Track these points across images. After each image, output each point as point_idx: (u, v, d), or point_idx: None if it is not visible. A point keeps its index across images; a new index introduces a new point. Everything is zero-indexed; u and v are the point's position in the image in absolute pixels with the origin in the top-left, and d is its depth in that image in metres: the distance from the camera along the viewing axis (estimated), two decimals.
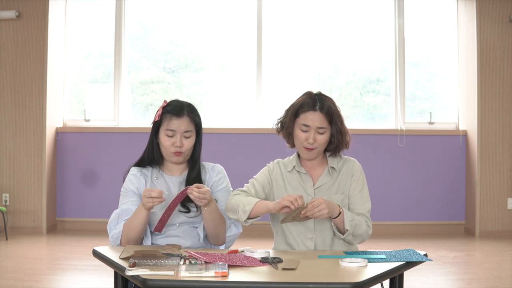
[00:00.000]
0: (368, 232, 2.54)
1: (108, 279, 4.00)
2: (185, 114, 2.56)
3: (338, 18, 6.59)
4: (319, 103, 2.55)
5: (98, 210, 6.26)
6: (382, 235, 6.08)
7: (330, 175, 2.61)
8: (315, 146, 2.55)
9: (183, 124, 2.55)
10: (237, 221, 2.52)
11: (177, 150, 2.55)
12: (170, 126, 2.55)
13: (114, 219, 2.54)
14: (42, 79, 6.06)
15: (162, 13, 6.63)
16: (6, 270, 4.36)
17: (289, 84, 6.57)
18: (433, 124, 6.45)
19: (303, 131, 2.55)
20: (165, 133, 2.56)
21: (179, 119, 2.55)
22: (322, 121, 2.54)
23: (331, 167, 2.61)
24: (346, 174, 2.62)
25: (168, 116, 2.56)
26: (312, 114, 2.54)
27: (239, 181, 2.84)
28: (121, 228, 2.49)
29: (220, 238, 2.56)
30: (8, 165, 6.10)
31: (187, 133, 2.56)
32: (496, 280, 4.19)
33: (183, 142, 2.55)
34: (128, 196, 2.59)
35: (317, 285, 1.88)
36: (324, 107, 2.55)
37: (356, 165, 2.66)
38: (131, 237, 2.49)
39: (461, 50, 6.41)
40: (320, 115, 2.54)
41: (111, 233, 2.53)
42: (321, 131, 2.55)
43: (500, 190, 6.09)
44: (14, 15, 5.99)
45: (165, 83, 6.62)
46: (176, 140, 2.54)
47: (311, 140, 2.54)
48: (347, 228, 2.45)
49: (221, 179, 2.67)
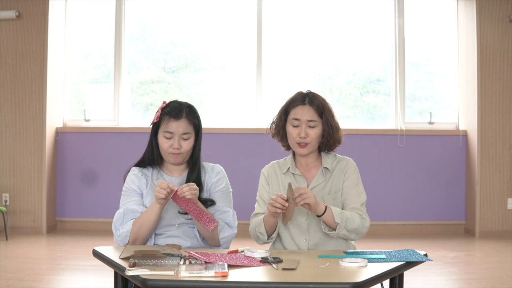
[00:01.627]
0: (364, 224, 2.51)
1: (108, 279, 4.00)
2: (183, 116, 2.56)
3: (338, 18, 6.59)
4: (308, 98, 2.59)
5: (98, 210, 6.26)
6: (382, 235, 6.08)
7: (323, 175, 2.61)
8: (307, 141, 2.56)
9: (181, 126, 2.55)
10: (266, 240, 2.55)
11: (174, 151, 2.55)
12: (168, 128, 2.55)
13: (119, 219, 2.54)
14: (42, 79, 6.06)
15: (162, 13, 6.63)
16: (6, 270, 4.36)
17: (289, 84, 6.56)
18: (433, 124, 6.45)
19: (294, 126, 2.57)
20: (163, 135, 2.56)
21: (177, 121, 2.55)
22: (312, 114, 2.56)
23: (324, 168, 2.61)
24: (339, 173, 2.62)
25: (166, 118, 2.56)
26: (302, 108, 2.58)
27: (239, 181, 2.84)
28: (129, 227, 2.49)
29: (215, 238, 2.56)
30: (8, 165, 6.10)
31: (185, 135, 2.56)
32: (496, 280, 4.19)
33: (181, 144, 2.55)
34: (131, 195, 2.59)
35: (317, 285, 1.88)
36: (314, 101, 2.58)
37: (350, 163, 2.65)
38: (141, 235, 2.49)
39: (461, 50, 6.41)
40: (310, 108, 2.57)
41: (117, 232, 2.52)
42: (312, 125, 2.56)
43: (500, 190, 6.09)
44: (14, 15, 5.99)
45: (165, 83, 6.62)
46: (174, 142, 2.54)
47: (302, 134, 2.55)
48: (337, 221, 2.44)
49: (220, 179, 2.66)
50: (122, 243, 2.51)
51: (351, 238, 2.53)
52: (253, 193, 2.75)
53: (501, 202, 6.09)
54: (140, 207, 2.56)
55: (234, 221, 2.61)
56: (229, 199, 2.67)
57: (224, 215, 2.60)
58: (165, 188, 2.39)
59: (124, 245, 2.50)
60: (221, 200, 2.63)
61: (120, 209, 2.58)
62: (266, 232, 2.51)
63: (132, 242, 2.50)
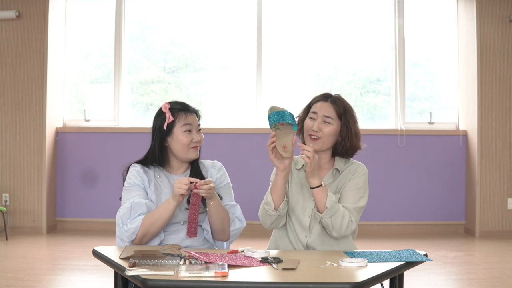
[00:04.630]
0: (350, 226, 2.49)
1: (108, 279, 4.00)
2: (193, 110, 2.65)
3: (338, 18, 6.59)
4: (331, 98, 2.62)
5: (98, 210, 6.26)
6: (382, 235, 6.08)
7: (333, 176, 2.62)
8: (319, 135, 2.56)
9: (195, 120, 2.64)
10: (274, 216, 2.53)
11: (196, 144, 2.60)
12: (187, 120, 2.60)
13: (126, 214, 2.51)
14: (42, 79, 6.06)
15: (162, 13, 6.63)
16: (6, 270, 4.36)
17: (289, 84, 6.57)
18: (433, 124, 6.45)
19: (311, 118, 2.60)
20: (183, 129, 2.59)
21: (192, 115, 2.63)
22: (330, 111, 2.58)
23: (335, 169, 2.62)
24: (347, 174, 2.62)
25: (181, 113, 2.60)
26: (322, 103, 2.61)
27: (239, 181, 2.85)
28: (139, 222, 2.47)
29: (226, 231, 2.58)
30: (8, 165, 6.10)
31: (199, 127, 2.65)
32: (496, 280, 4.19)
33: (199, 136, 2.63)
34: (134, 190, 2.58)
35: (317, 285, 1.88)
36: (336, 101, 2.60)
37: (361, 167, 2.65)
38: (151, 232, 2.48)
39: (461, 50, 6.41)
40: (329, 105, 2.59)
41: (124, 227, 2.49)
42: (328, 121, 2.57)
43: (500, 190, 6.09)
44: (14, 15, 5.99)
45: (165, 83, 6.62)
46: (194, 135, 2.60)
47: (315, 127, 2.55)
48: (327, 205, 2.43)
49: (223, 175, 2.71)
50: (128, 238, 2.49)
51: (331, 233, 2.50)
52: (253, 192, 2.76)
53: (501, 202, 6.09)
54: (146, 200, 2.55)
55: (242, 214, 2.66)
56: (232, 193, 2.72)
57: (234, 209, 2.63)
58: (186, 183, 2.42)
59: (130, 240, 2.49)
60: (227, 195, 2.67)
61: (125, 203, 2.55)
62: (273, 202, 2.51)
63: (140, 238, 2.48)
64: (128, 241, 2.50)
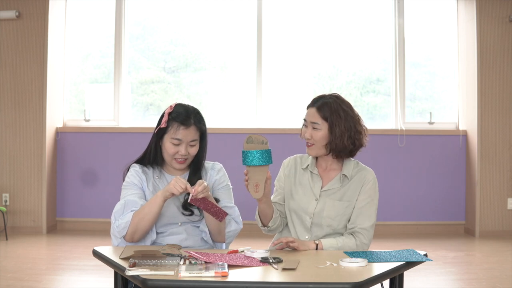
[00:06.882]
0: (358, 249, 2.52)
1: (108, 279, 4.00)
2: (192, 123, 2.54)
3: (338, 18, 6.59)
4: (316, 102, 2.60)
5: (98, 210, 6.26)
6: (382, 235, 6.08)
7: (341, 182, 2.61)
8: (311, 142, 2.58)
9: (189, 135, 2.54)
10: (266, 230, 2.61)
11: (181, 158, 2.56)
12: (176, 135, 2.53)
13: (119, 210, 2.52)
14: (42, 79, 6.06)
15: (162, 13, 6.63)
16: (6, 270, 4.36)
17: (289, 84, 6.56)
18: (433, 124, 6.45)
19: (304, 125, 2.62)
20: (171, 141, 2.54)
21: (186, 129, 2.53)
22: (316, 117, 2.57)
23: (343, 174, 2.61)
24: (356, 183, 2.62)
25: (175, 125, 2.54)
26: (310, 110, 2.62)
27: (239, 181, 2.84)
28: (129, 218, 2.47)
29: (222, 233, 2.58)
30: (8, 165, 6.10)
31: (192, 142, 2.56)
32: (496, 280, 4.20)
33: (189, 151, 2.56)
34: (132, 188, 2.59)
35: (317, 285, 1.88)
36: (321, 106, 2.57)
37: (370, 175, 2.64)
38: (141, 228, 2.47)
39: (461, 50, 6.41)
40: (314, 111, 2.59)
41: (116, 223, 2.50)
42: (315, 127, 2.57)
43: (500, 190, 6.09)
44: (14, 15, 5.99)
45: (165, 83, 6.62)
46: (181, 149, 2.54)
47: (307, 135, 2.58)
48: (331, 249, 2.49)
49: (222, 177, 2.69)
50: (119, 234, 2.49)
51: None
52: None
53: (501, 202, 6.09)
54: (142, 200, 2.55)
55: (239, 216, 2.64)
56: (231, 195, 2.70)
57: (231, 210, 2.61)
58: (183, 188, 2.40)
59: (121, 236, 2.49)
60: (225, 197, 2.65)
61: (121, 200, 2.57)
62: (260, 219, 2.57)
63: (131, 234, 2.48)
64: (120, 236, 2.49)
